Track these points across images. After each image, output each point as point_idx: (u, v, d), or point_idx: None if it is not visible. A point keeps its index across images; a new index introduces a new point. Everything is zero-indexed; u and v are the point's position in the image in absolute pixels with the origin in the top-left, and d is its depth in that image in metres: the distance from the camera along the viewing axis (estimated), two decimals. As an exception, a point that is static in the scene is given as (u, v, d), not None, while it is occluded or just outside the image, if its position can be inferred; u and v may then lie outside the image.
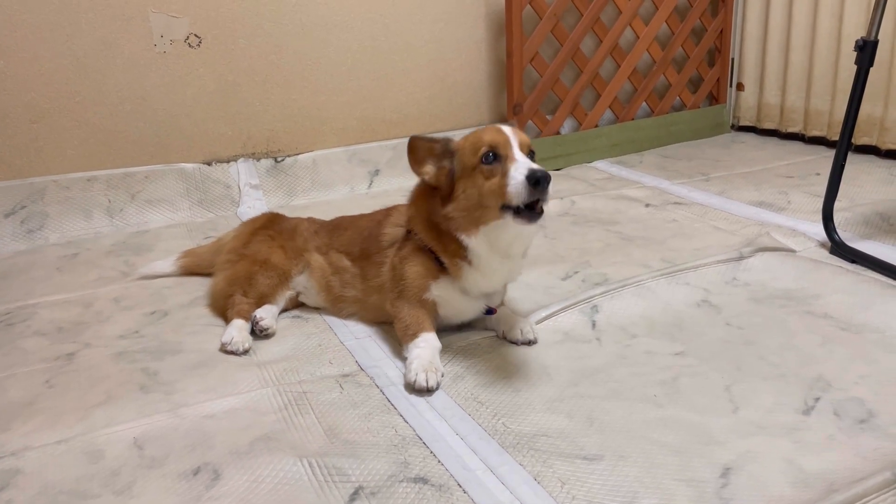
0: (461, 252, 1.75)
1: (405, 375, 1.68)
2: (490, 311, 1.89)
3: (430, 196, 1.79)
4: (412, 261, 1.82)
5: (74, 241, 2.80)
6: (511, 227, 1.65)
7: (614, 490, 1.31)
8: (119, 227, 2.91)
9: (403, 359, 1.74)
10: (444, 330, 1.89)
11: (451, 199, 1.72)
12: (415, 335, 1.75)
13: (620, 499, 1.29)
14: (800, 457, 1.38)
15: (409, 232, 1.86)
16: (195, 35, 2.99)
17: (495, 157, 1.64)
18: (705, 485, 1.31)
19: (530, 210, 1.59)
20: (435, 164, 1.76)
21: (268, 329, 1.93)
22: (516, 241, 1.75)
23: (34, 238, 2.78)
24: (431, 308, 1.83)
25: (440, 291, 1.81)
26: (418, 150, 1.75)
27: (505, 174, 1.61)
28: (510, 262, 1.80)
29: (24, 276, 2.45)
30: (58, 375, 1.79)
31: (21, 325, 2.08)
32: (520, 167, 1.59)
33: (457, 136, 1.79)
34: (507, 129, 1.70)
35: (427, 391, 1.64)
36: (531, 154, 1.68)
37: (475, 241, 1.72)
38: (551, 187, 1.57)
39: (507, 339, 1.87)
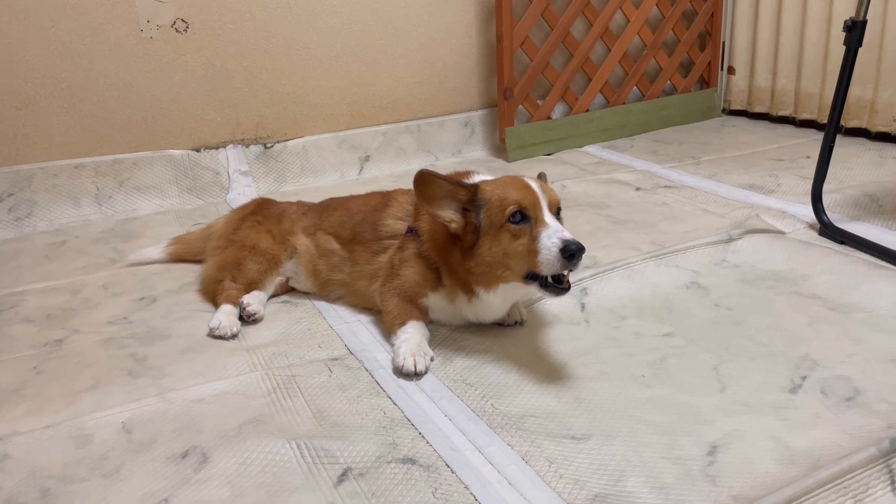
0: (469, 290, 1.71)
1: (393, 360, 1.68)
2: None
3: (449, 240, 1.71)
4: (413, 266, 1.79)
5: (62, 228, 2.78)
6: (529, 288, 1.62)
7: (601, 469, 1.32)
8: (107, 215, 2.89)
9: (392, 345, 1.74)
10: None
11: (472, 253, 1.64)
12: (403, 322, 1.75)
13: (608, 477, 1.30)
14: (786, 434, 1.38)
15: (410, 230, 1.83)
16: (182, 20, 2.96)
17: (523, 217, 1.58)
18: (692, 462, 1.32)
19: (558, 282, 1.56)
20: (458, 211, 1.66)
21: (255, 314, 1.92)
22: (527, 295, 1.74)
23: (22, 226, 2.77)
24: (423, 310, 1.82)
25: (435, 301, 1.80)
26: (434, 188, 1.63)
27: (535, 238, 1.55)
28: (512, 303, 1.81)
29: (12, 264, 2.44)
30: (46, 361, 1.78)
31: (9, 311, 2.07)
32: (552, 234, 1.53)
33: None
34: (535, 186, 1.62)
35: (415, 375, 1.64)
36: (558, 212, 1.63)
37: (490, 296, 1.69)
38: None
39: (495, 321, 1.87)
